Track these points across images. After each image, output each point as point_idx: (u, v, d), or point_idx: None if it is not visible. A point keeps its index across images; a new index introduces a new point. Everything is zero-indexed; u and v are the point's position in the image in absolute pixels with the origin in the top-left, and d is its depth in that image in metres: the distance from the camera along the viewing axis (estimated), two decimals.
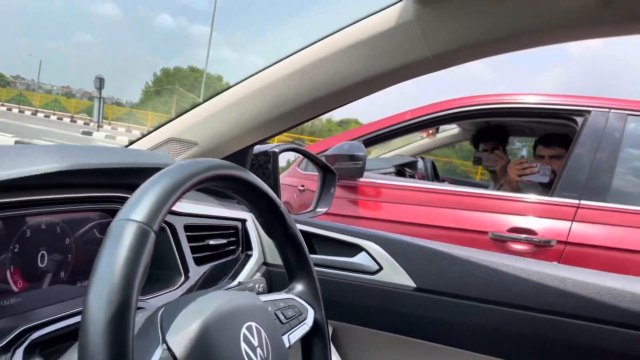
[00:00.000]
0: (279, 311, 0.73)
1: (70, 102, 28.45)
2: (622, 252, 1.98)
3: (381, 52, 0.86)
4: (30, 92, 32.95)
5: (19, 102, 27.22)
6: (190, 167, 0.56)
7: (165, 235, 0.88)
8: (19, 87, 40.25)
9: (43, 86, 41.25)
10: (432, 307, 1.01)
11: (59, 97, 32.63)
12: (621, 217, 2.03)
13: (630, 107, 2.22)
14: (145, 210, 0.49)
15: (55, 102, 27.83)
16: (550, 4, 0.70)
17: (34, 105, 26.51)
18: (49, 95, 32.73)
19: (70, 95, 38.62)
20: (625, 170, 2.20)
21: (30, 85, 40.85)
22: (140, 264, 0.46)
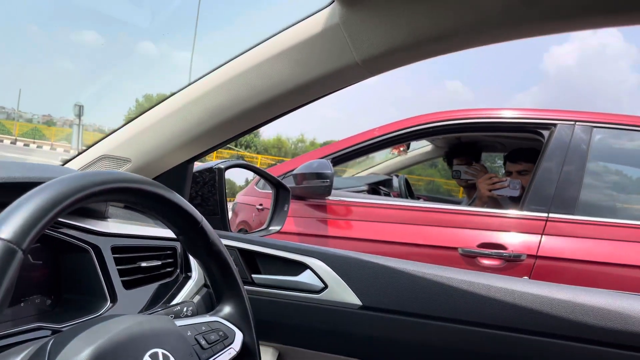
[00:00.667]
0: (200, 336, 0.68)
1: (50, 130, 28.21)
2: (592, 264, 1.96)
3: (310, 58, 0.83)
4: (10, 121, 32.61)
5: None
6: (76, 181, 0.51)
7: (89, 258, 0.82)
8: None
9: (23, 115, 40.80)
10: (378, 326, 0.96)
11: (40, 125, 32.28)
12: (590, 230, 2.02)
13: (596, 119, 2.23)
14: (13, 227, 0.44)
15: (35, 130, 27.57)
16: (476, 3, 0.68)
17: (13, 134, 26.19)
18: (29, 124, 32.37)
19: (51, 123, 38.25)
20: (592, 182, 2.20)
21: (11, 114, 40.44)
22: (1, 288, 0.41)
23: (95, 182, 0.53)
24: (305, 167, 2.28)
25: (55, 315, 0.77)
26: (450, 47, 0.75)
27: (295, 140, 35.56)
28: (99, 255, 0.83)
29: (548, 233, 2.04)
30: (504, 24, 0.69)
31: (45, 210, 0.47)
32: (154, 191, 0.61)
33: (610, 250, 1.97)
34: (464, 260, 2.08)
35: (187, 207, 0.66)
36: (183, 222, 0.67)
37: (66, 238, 0.79)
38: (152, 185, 0.61)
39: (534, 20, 0.67)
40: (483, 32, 0.71)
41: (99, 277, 0.82)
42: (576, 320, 0.87)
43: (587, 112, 2.28)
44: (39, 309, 0.78)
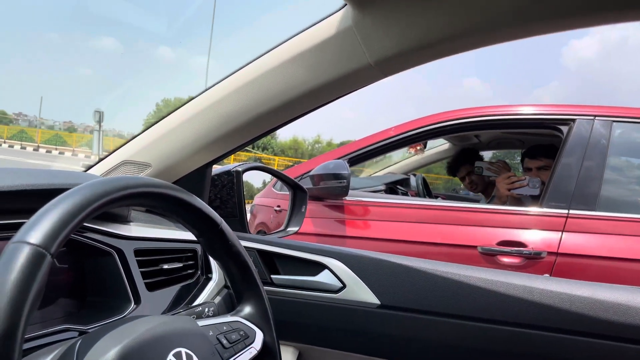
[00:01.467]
0: (222, 335, 0.70)
1: (71, 137, 28.71)
2: (614, 260, 1.93)
3: (324, 61, 0.84)
4: (33, 129, 33.28)
5: (21, 138, 27.48)
6: (100, 187, 0.53)
7: (113, 261, 0.84)
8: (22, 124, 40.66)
9: (45, 122, 41.67)
10: (397, 325, 0.96)
11: (61, 132, 32.92)
12: (611, 226, 1.99)
13: (615, 113, 2.20)
14: (42, 232, 0.46)
15: (57, 137, 28.10)
16: (484, 3, 0.68)
17: (35, 141, 26.74)
18: (51, 131, 33.02)
19: (72, 129, 38.97)
20: (613, 177, 2.16)
21: (33, 121, 41.27)
22: (31, 290, 0.43)
23: (119, 187, 0.54)
24: (322, 168, 2.29)
25: (81, 317, 0.79)
26: (463, 46, 0.75)
27: (311, 141, 35.62)
28: (123, 258, 0.85)
29: (569, 230, 2.02)
30: (516, 22, 0.69)
31: (71, 216, 0.49)
32: (175, 195, 0.63)
33: (633, 246, 1.93)
34: (484, 258, 2.07)
35: (207, 210, 0.68)
36: (203, 224, 0.68)
37: (91, 242, 0.81)
38: (173, 189, 0.62)
39: (546, 18, 0.67)
40: (495, 30, 0.71)
41: (122, 279, 0.85)
42: (596, 316, 0.87)
43: (607, 107, 2.25)
44: (66, 311, 0.80)
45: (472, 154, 3.20)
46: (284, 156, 27.54)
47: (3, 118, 38.87)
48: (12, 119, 42.99)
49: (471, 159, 3.13)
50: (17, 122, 42.43)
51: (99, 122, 14.59)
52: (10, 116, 42.55)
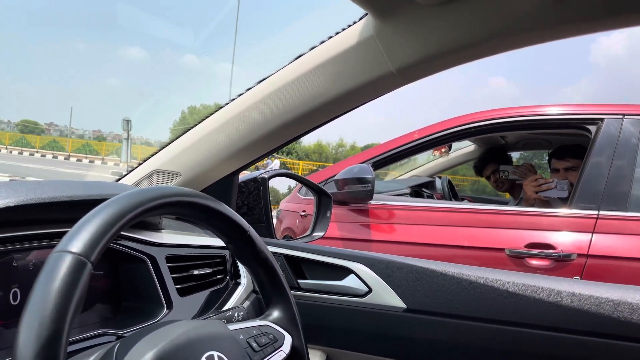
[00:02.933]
0: (252, 339, 0.71)
1: (101, 145, 29.39)
2: None
3: (347, 69, 0.85)
4: (64, 138, 34.17)
5: (53, 148, 28.26)
6: (134, 197, 0.56)
7: (146, 267, 0.87)
8: (53, 134, 41.84)
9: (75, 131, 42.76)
10: (423, 328, 0.97)
11: (91, 141, 33.73)
12: None
13: None
14: (82, 242, 0.49)
15: (87, 146, 28.79)
16: (505, 9, 0.69)
17: (66, 150, 27.46)
18: (81, 140, 33.86)
19: (101, 138, 39.90)
20: None
21: (64, 131, 42.40)
22: (73, 297, 0.46)
23: (152, 197, 0.57)
24: (346, 173, 2.30)
25: (117, 322, 0.82)
26: (484, 52, 0.76)
27: (335, 145, 35.61)
28: (155, 264, 0.88)
29: (599, 231, 1.98)
30: (537, 27, 0.69)
31: (109, 225, 0.51)
32: (204, 203, 0.65)
33: None
34: (512, 261, 2.05)
35: (235, 217, 0.70)
36: (231, 231, 0.71)
37: (125, 249, 0.84)
38: (202, 198, 0.65)
39: (567, 22, 0.67)
40: (515, 36, 0.71)
41: (155, 285, 0.88)
42: (625, 319, 0.86)
43: (636, 105, 2.20)
44: (102, 316, 0.83)
45: (498, 153, 3.16)
46: (308, 160, 27.62)
47: (35, 128, 40.05)
48: (44, 129, 44.26)
49: (497, 158, 3.09)
50: (48, 132, 43.68)
51: (127, 130, 14.89)
52: (42, 126, 43.80)
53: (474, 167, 3.35)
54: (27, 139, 30.30)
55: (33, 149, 27.54)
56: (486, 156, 3.18)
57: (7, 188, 0.66)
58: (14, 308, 0.70)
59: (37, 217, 0.70)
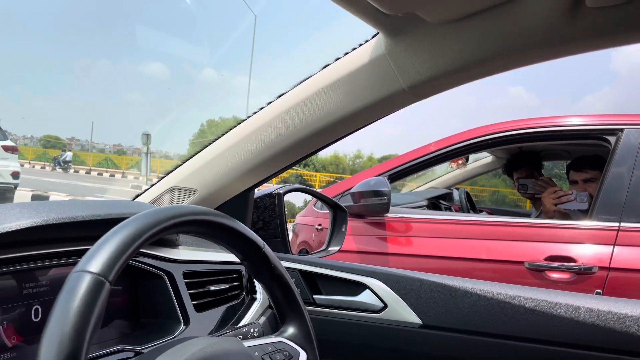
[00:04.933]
0: (267, 356, 0.72)
1: (121, 159, 29.84)
2: None
3: (359, 87, 0.86)
4: (85, 152, 34.79)
5: (75, 162, 28.77)
6: (151, 217, 0.57)
7: (163, 283, 0.89)
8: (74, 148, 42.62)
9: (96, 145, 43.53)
10: (439, 344, 0.96)
11: (111, 155, 34.29)
12: None
13: None
14: (100, 262, 0.50)
15: (108, 160, 29.27)
16: (516, 26, 0.69)
17: (87, 165, 27.95)
18: (102, 154, 34.44)
19: (121, 152, 40.53)
20: None
21: (85, 145, 43.22)
22: (92, 316, 0.47)
23: (168, 217, 0.59)
24: (362, 185, 2.30)
25: (135, 338, 0.84)
26: (496, 68, 0.76)
27: (352, 157, 35.58)
28: (172, 280, 0.90)
29: (621, 243, 1.94)
30: (549, 43, 0.69)
31: (126, 245, 0.53)
32: (219, 221, 0.66)
33: None
34: (531, 274, 2.02)
35: (250, 235, 0.71)
36: (246, 248, 0.72)
37: (143, 266, 0.86)
38: (217, 216, 0.66)
39: (579, 38, 0.67)
40: (527, 52, 0.72)
41: (172, 301, 0.89)
42: None
43: None
44: (121, 332, 0.85)
45: (532, 157, 3.04)
46: (325, 172, 27.64)
47: (57, 143, 40.87)
48: (66, 143, 45.16)
49: (530, 162, 2.98)
50: (70, 147, 44.56)
51: (147, 144, 15.12)
52: (64, 141, 44.69)
53: (503, 165, 3.26)
54: (49, 154, 30.93)
55: None
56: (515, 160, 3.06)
57: (30, 209, 0.68)
58: (35, 325, 0.72)
59: (58, 236, 0.72)
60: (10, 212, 0.66)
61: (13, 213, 0.66)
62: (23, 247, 0.69)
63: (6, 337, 0.69)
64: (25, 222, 0.65)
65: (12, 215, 0.66)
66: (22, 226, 0.64)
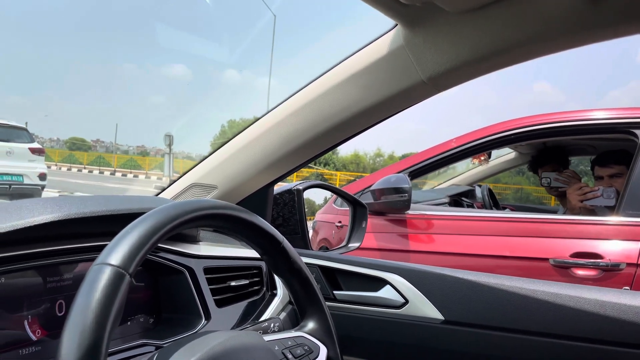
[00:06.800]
0: (287, 350, 0.72)
1: (144, 160, 30.28)
2: None
3: (378, 80, 0.86)
4: (109, 154, 35.40)
5: (100, 164, 29.35)
6: (170, 210, 0.57)
7: (184, 279, 0.89)
8: (99, 150, 43.47)
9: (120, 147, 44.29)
10: (462, 340, 0.95)
11: (135, 156, 34.83)
12: None
13: None
14: (121, 254, 0.50)
15: (131, 161, 29.74)
16: (537, 14, 0.67)
17: (112, 166, 28.45)
18: (126, 155, 35.00)
19: (144, 153, 41.15)
20: None
21: (109, 147, 44.01)
22: (112, 307, 0.47)
23: (188, 210, 0.59)
24: (382, 183, 2.29)
25: (157, 333, 0.85)
26: (517, 58, 0.75)
27: (373, 155, 35.44)
28: (193, 276, 0.90)
29: None
30: (570, 30, 0.67)
31: (146, 238, 0.53)
32: (239, 216, 0.66)
33: None
34: (557, 271, 1.98)
35: (269, 229, 0.71)
36: (266, 243, 0.72)
37: (164, 261, 0.87)
38: (237, 211, 0.66)
39: (601, 25, 0.65)
40: (549, 40, 0.70)
41: (193, 296, 0.90)
42: None
43: None
44: (143, 327, 0.86)
45: (558, 152, 2.96)
46: (346, 171, 27.59)
47: (82, 145, 41.72)
48: (91, 145, 46.05)
49: (557, 158, 2.91)
50: (95, 149, 45.40)
51: (169, 145, 15.31)
52: (89, 143, 45.59)
53: (528, 161, 3.19)
54: (75, 156, 31.59)
55: (81, 165, 28.66)
56: (541, 156, 3.00)
57: (53, 204, 0.70)
58: (59, 319, 0.73)
59: (81, 230, 0.73)
60: (33, 206, 0.68)
61: (36, 208, 0.67)
62: (47, 242, 0.70)
63: (31, 331, 0.70)
64: (47, 216, 0.66)
65: (35, 210, 0.67)
66: (45, 220, 0.65)
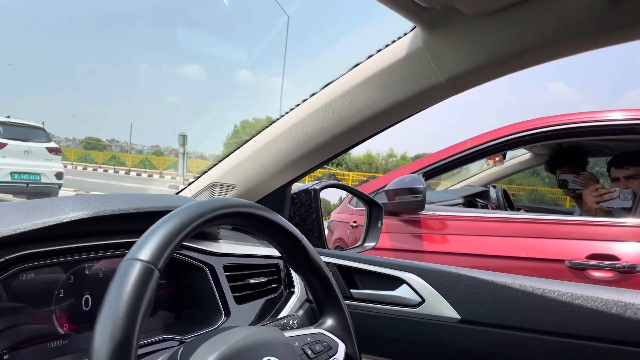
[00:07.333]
0: (307, 346, 0.73)
1: (159, 160, 30.51)
2: None
3: (397, 81, 0.87)
4: (124, 154, 35.75)
5: (115, 163, 29.65)
6: (196, 208, 0.59)
7: (205, 276, 0.91)
8: (114, 150, 43.93)
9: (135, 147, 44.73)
10: (479, 340, 0.95)
11: (149, 155, 35.11)
12: None
13: None
14: (150, 250, 0.52)
15: (146, 161, 29.99)
16: (556, 16, 0.68)
17: (127, 165, 28.73)
18: (140, 155, 35.30)
19: (159, 153, 41.47)
20: None
21: (124, 147, 44.47)
22: (143, 301, 0.49)
23: (213, 208, 0.61)
24: (397, 183, 2.29)
25: (179, 328, 0.87)
26: (535, 60, 0.75)
27: (385, 156, 35.32)
28: (214, 273, 0.92)
29: None
30: (590, 33, 0.68)
31: (174, 235, 0.55)
32: (260, 214, 0.68)
33: None
34: (572, 273, 1.97)
35: (289, 227, 0.73)
36: (286, 241, 0.73)
37: (186, 259, 0.89)
38: (259, 209, 0.68)
39: (621, 27, 0.66)
40: (568, 42, 0.70)
41: (214, 293, 0.91)
42: None
43: None
44: (165, 322, 0.88)
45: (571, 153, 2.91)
46: (358, 171, 27.54)
47: (98, 144, 42.17)
48: (106, 145, 46.53)
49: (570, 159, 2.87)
50: (110, 148, 45.89)
51: (183, 145, 15.45)
52: (104, 142, 46.07)
53: (545, 162, 3.15)
54: (90, 155, 31.94)
55: (96, 164, 28.98)
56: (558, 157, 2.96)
57: (82, 201, 0.72)
58: (85, 314, 0.76)
59: (107, 228, 0.75)
60: (64, 204, 0.70)
61: (67, 205, 0.70)
62: (75, 239, 0.72)
63: (59, 325, 0.72)
64: (78, 213, 0.68)
65: (66, 207, 0.69)
66: (75, 217, 0.67)
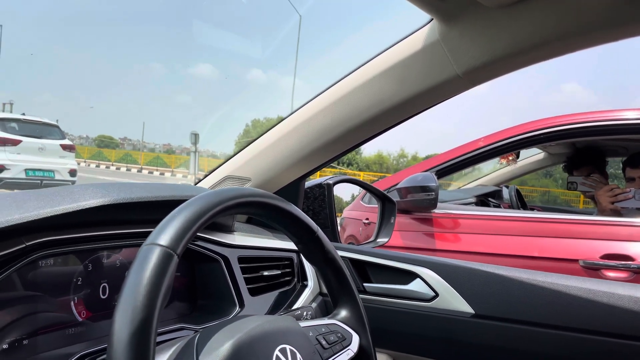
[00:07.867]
0: (321, 336, 0.74)
1: (170, 158, 30.71)
2: None
3: (413, 74, 0.87)
4: (137, 152, 36.02)
5: (127, 161, 29.91)
6: (214, 197, 0.60)
7: (219, 267, 0.92)
8: (127, 148, 44.34)
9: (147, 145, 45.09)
10: (493, 334, 0.95)
11: (161, 154, 35.38)
12: None
13: None
14: (169, 236, 0.53)
15: (158, 159, 30.21)
16: (573, 8, 0.68)
17: (139, 163, 28.97)
18: (152, 153, 35.58)
19: (170, 151, 41.79)
20: None
21: (136, 145, 44.86)
22: (162, 285, 0.50)
23: (230, 197, 0.61)
24: (409, 181, 2.29)
25: (194, 318, 0.88)
26: (553, 52, 0.75)
27: (396, 156, 35.20)
28: (228, 264, 0.93)
29: None
30: (608, 25, 0.67)
31: (192, 222, 0.56)
32: (277, 204, 0.68)
33: None
34: (586, 272, 1.95)
35: (304, 218, 0.73)
36: (301, 231, 0.74)
37: (201, 249, 0.89)
38: (275, 199, 0.68)
39: (638, 19, 0.65)
40: (586, 35, 0.70)
41: (228, 284, 0.92)
42: None
43: None
44: (180, 312, 0.89)
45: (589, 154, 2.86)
46: (369, 171, 27.49)
47: (110, 143, 42.58)
48: (119, 143, 46.99)
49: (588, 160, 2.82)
50: (122, 146, 46.33)
51: (195, 143, 15.50)
52: (116, 141, 46.50)
53: (563, 162, 3.12)
54: (103, 153, 32.24)
55: (109, 162, 29.26)
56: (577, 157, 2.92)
57: (102, 189, 0.73)
58: (103, 301, 0.77)
59: (126, 216, 0.76)
60: (84, 191, 0.71)
61: (87, 192, 0.71)
62: (93, 228, 0.73)
63: (77, 312, 0.73)
64: (97, 200, 0.69)
65: (85, 195, 0.70)
66: (95, 204, 0.68)
